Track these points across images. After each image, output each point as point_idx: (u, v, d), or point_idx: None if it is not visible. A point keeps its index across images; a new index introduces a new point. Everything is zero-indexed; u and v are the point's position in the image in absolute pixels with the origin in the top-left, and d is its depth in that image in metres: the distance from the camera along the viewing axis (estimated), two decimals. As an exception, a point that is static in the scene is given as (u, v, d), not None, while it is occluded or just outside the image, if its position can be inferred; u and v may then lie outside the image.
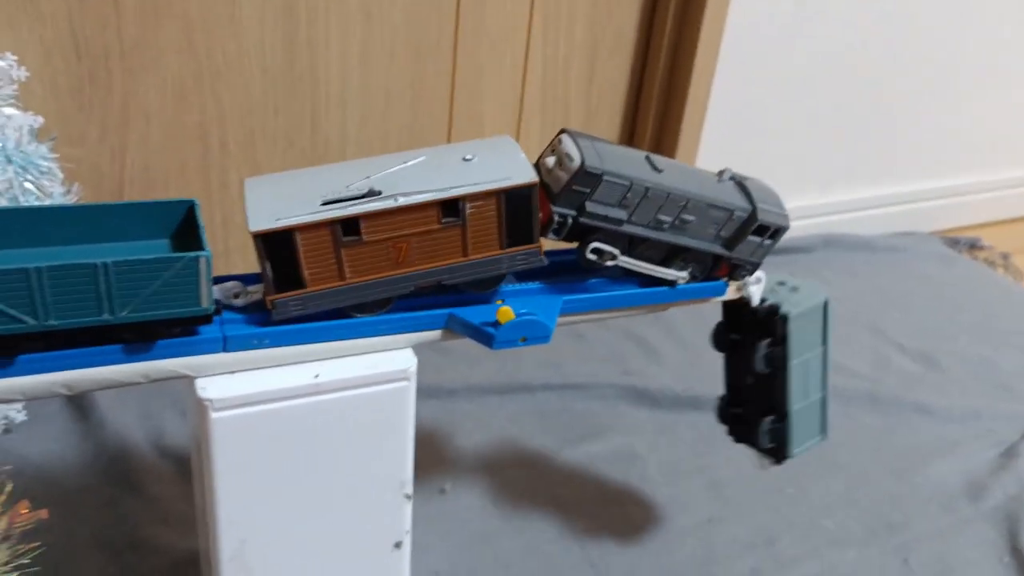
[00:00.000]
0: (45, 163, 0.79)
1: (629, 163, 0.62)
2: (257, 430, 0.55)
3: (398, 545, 0.64)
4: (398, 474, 0.62)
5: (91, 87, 0.98)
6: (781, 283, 0.76)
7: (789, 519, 0.87)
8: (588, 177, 0.60)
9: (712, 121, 1.35)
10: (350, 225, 0.55)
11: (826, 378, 0.76)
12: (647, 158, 0.64)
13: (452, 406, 1.00)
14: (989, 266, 1.52)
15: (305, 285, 0.56)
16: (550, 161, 0.62)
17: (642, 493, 0.89)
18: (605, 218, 0.62)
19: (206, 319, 0.53)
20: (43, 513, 0.59)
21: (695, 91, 1.29)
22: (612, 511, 0.86)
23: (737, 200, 0.67)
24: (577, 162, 0.60)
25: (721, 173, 0.69)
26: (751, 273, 0.71)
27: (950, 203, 1.67)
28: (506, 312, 0.61)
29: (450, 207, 0.57)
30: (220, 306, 0.58)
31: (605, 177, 0.60)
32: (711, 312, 1.29)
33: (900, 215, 1.61)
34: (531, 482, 0.89)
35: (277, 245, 0.54)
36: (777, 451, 0.74)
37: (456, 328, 0.63)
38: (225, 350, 0.56)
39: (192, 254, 0.51)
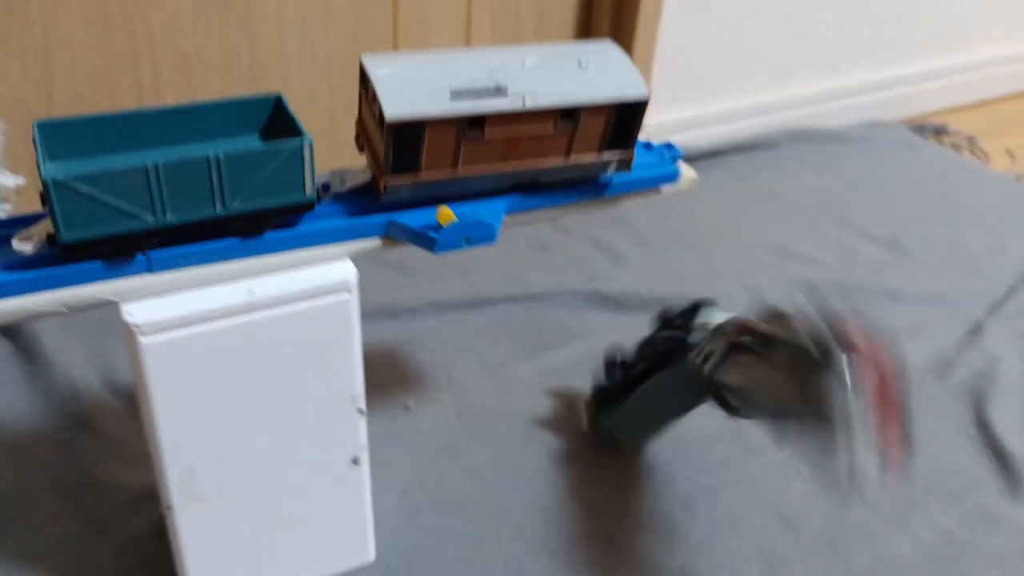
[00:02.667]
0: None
1: None
2: (191, 353, 0.53)
3: (355, 461, 0.63)
4: (347, 389, 0.60)
5: (8, 18, 0.92)
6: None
7: (758, 411, 0.87)
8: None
9: (668, 19, 1.31)
10: (476, 121, 0.56)
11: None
12: None
13: (413, 324, 0.98)
14: (956, 150, 1.50)
15: (420, 171, 0.57)
16: None
17: (610, 396, 0.89)
18: None
19: (310, 206, 0.55)
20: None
21: (648, -14, 1.24)
22: (578, 413, 0.86)
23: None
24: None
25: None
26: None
27: (915, 90, 1.64)
28: (446, 213, 0.58)
29: (568, 113, 0.58)
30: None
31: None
32: (676, 215, 1.27)
33: (865, 105, 1.58)
34: (496, 393, 0.88)
35: (405, 132, 0.55)
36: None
37: (396, 235, 0.60)
38: (150, 271, 0.53)
39: (298, 141, 0.52)
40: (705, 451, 0.82)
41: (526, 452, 0.81)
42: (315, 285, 0.56)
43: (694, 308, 0.70)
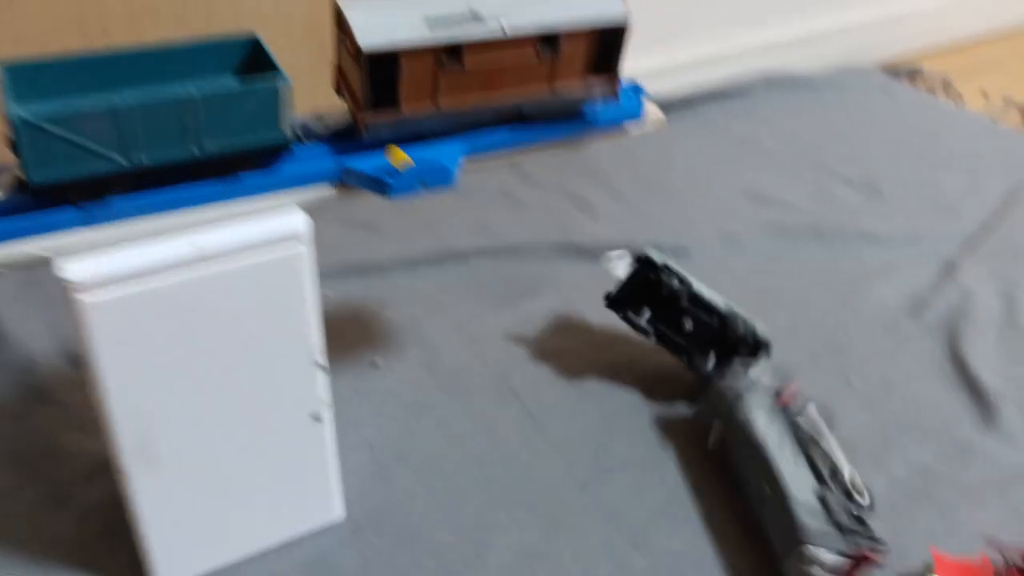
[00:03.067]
0: None
1: None
2: (135, 310, 0.51)
3: (317, 417, 0.61)
4: (304, 344, 0.58)
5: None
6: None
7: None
8: None
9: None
10: (454, 51, 0.55)
11: None
12: None
13: (382, 281, 0.96)
14: (930, 93, 1.49)
15: (399, 106, 0.56)
16: None
17: (581, 345, 0.87)
18: None
19: (286, 147, 0.54)
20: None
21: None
22: (551, 365, 0.84)
23: None
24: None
25: None
26: None
27: (888, 34, 1.61)
28: (400, 155, 0.56)
29: (549, 40, 0.57)
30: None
31: None
32: (649, 165, 1.25)
33: (838, 50, 1.56)
34: (467, 347, 0.86)
35: (381, 64, 0.53)
36: None
37: (351, 181, 0.58)
38: (86, 224, 0.51)
39: (274, 79, 0.51)
40: (677, 388, 0.81)
41: (498, 405, 0.79)
42: (265, 236, 0.54)
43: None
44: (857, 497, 0.64)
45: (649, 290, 0.80)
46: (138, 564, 0.61)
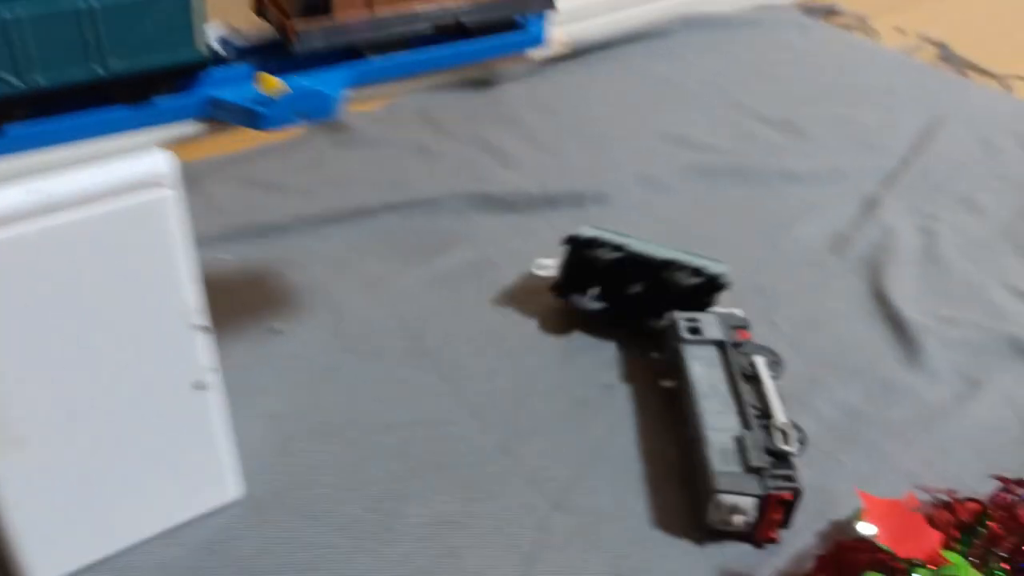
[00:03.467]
0: None
1: None
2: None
3: (200, 386, 0.55)
4: (178, 303, 0.52)
5: None
6: None
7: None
8: None
9: None
10: None
11: None
12: None
13: (284, 242, 0.90)
14: (847, 30, 1.47)
15: (331, 12, 0.52)
16: None
17: (498, 301, 0.83)
18: None
19: (202, 66, 0.49)
20: None
21: None
22: (467, 321, 0.80)
23: None
24: None
25: None
26: None
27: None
28: (272, 82, 0.50)
29: None
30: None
31: None
32: (566, 111, 1.21)
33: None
34: (377, 307, 0.81)
35: None
36: None
37: (219, 115, 0.52)
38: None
39: None
40: (601, 348, 0.78)
41: (411, 368, 0.75)
42: (121, 180, 0.47)
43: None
44: (780, 441, 0.61)
45: (591, 267, 0.77)
46: (2, 561, 0.55)
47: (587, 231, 0.78)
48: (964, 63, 1.35)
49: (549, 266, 0.81)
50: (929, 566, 0.51)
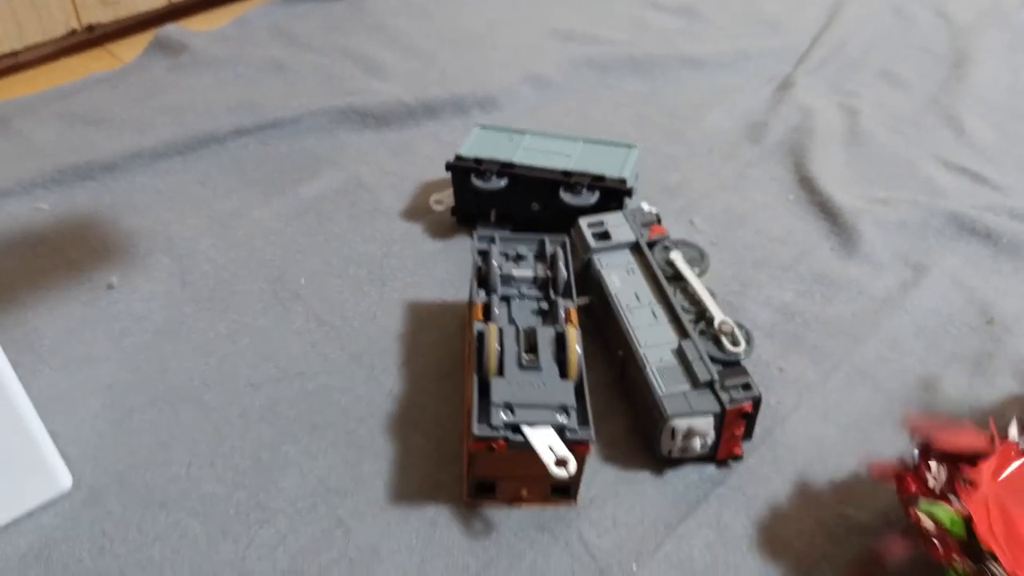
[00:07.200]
0: None
1: None
2: None
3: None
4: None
5: None
6: None
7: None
8: None
9: None
10: None
11: None
12: None
13: (115, 183, 0.75)
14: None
15: None
16: None
17: (376, 229, 0.71)
18: None
19: None
20: None
21: None
22: (338, 256, 0.68)
23: None
24: None
25: None
26: None
27: None
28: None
29: None
30: None
31: None
32: (442, 16, 1.07)
33: None
34: (232, 249, 0.68)
35: None
36: None
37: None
38: None
39: None
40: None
41: (277, 315, 0.62)
42: None
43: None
44: (728, 343, 0.52)
45: (481, 194, 0.67)
46: None
47: (466, 150, 0.68)
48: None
49: (444, 200, 0.70)
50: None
